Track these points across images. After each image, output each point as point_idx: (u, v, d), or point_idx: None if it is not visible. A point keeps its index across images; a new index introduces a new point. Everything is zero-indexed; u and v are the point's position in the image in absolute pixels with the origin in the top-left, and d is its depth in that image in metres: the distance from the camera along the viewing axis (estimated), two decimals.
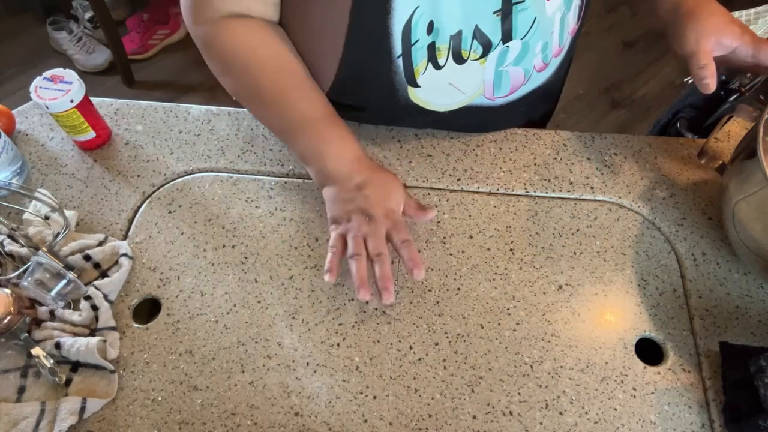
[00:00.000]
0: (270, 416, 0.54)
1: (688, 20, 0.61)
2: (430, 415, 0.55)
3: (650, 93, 1.94)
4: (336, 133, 0.63)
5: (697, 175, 0.71)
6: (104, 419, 0.54)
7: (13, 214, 0.66)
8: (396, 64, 0.61)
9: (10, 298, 0.56)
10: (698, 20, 0.61)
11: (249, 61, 0.62)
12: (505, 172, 0.71)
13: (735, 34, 0.60)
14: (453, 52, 0.59)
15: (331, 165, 0.62)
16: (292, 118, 0.63)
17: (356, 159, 0.62)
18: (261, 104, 0.65)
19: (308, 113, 0.63)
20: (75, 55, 1.96)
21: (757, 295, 0.61)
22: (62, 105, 0.65)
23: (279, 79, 0.63)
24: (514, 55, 0.61)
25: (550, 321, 0.60)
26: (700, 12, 0.61)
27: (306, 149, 0.63)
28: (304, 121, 0.63)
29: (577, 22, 0.64)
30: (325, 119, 0.63)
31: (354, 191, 0.60)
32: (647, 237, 0.66)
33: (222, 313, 0.60)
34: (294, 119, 0.63)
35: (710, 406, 0.55)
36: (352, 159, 0.62)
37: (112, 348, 0.57)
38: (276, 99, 0.63)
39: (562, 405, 0.55)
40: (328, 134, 0.63)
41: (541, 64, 0.65)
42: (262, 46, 0.63)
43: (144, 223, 0.67)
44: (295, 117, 0.63)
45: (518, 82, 0.65)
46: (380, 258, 0.57)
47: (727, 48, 0.61)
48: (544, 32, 0.61)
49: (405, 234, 0.59)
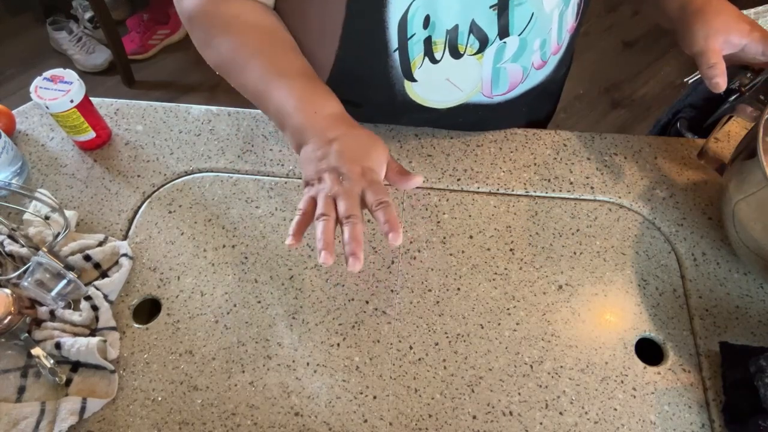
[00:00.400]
0: (270, 416, 0.54)
1: (696, 19, 0.61)
2: (430, 415, 0.55)
3: (650, 93, 1.94)
4: (316, 89, 0.57)
5: (697, 175, 0.71)
6: (104, 419, 0.54)
7: (13, 214, 0.66)
8: (392, 58, 0.61)
9: (10, 298, 0.56)
10: (706, 19, 0.60)
11: (236, 25, 0.59)
12: (505, 172, 0.71)
13: (743, 32, 0.60)
14: (449, 47, 0.59)
15: (306, 120, 0.55)
16: (270, 74, 0.58)
17: (334, 115, 0.56)
18: (241, 66, 0.60)
19: (286, 69, 0.58)
20: (75, 55, 1.96)
21: (757, 295, 0.61)
22: (62, 105, 0.65)
23: (263, 40, 0.60)
24: (512, 51, 0.61)
25: (550, 321, 0.60)
26: (708, 10, 0.61)
27: (281, 106, 0.57)
28: (281, 77, 0.57)
29: (575, 20, 0.64)
30: (303, 75, 0.58)
31: (327, 147, 0.53)
32: (647, 237, 0.66)
33: (222, 313, 0.60)
34: (272, 75, 0.58)
35: (710, 406, 0.55)
36: (329, 114, 0.56)
37: (112, 348, 0.57)
38: (256, 57, 0.59)
39: (562, 405, 0.55)
40: (307, 89, 0.57)
41: (540, 61, 0.65)
42: (254, 14, 0.60)
43: (144, 223, 0.67)
44: (272, 73, 0.58)
45: (516, 79, 0.65)
46: (350, 220, 0.51)
47: (736, 46, 0.60)
48: (541, 29, 0.60)
49: (383, 194, 0.52)
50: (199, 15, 0.60)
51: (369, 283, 0.62)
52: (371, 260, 0.64)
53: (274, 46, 0.59)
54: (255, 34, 0.59)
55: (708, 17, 0.60)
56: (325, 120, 0.55)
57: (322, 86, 0.58)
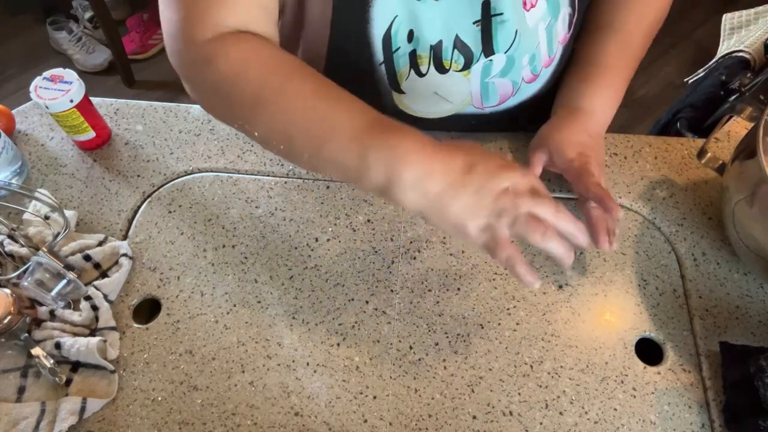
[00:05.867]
0: (270, 416, 0.54)
1: (549, 121, 0.66)
2: (430, 415, 0.55)
3: (650, 93, 1.94)
4: (395, 127, 0.48)
5: (697, 175, 0.71)
6: (104, 419, 0.54)
7: (13, 214, 0.66)
8: (379, 71, 0.60)
9: (10, 298, 0.56)
10: (549, 128, 0.65)
11: (267, 70, 0.49)
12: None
13: (564, 159, 0.62)
14: (434, 62, 0.59)
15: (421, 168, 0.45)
16: (342, 125, 0.47)
17: (435, 145, 0.47)
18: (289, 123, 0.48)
19: (360, 117, 0.48)
20: (75, 55, 1.96)
21: (757, 295, 0.61)
22: (62, 105, 0.65)
23: (306, 86, 0.49)
24: (499, 68, 0.61)
25: (550, 321, 0.60)
26: (555, 123, 0.65)
27: (372, 163, 0.46)
28: (358, 129, 0.47)
29: (568, 31, 0.62)
30: (380, 120, 0.48)
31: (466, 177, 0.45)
32: (647, 237, 0.66)
33: (222, 313, 0.60)
34: (344, 129, 0.47)
35: (710, 406, 0.55)
36: (432, 147, 0.46)
37: (112, 348, 0.57)
38: (310, 111, 0.48)
39: (562, 405, 0.55)
40: (396, 133, 0.47)
41: (530, 75, 0.64)
42: (273, 57, 0.50)
43: (144, 223, 0.67)
44: (344, 124, 0.47)
45: (507, 93, 0.65)
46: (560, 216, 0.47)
47: (557, 168, 0.64)
48: (528, 45, 0.59)
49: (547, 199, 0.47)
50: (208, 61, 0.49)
51: (369, 283, 0.62)
52: (371, 260, 0.64)
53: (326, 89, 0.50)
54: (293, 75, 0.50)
55: (550, 129, 0.65)
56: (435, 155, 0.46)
57: (400, 124, 0.49)
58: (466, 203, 0.45)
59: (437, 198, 0.45)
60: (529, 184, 0.47)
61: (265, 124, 0.49)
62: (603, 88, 0.64)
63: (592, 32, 0.66)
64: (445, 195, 0.45)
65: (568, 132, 0.63)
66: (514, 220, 0.45)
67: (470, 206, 0.45)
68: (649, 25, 0.65)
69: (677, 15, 2.11)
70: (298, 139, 0.48)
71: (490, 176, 0.45)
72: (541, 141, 0.65)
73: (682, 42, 2.08)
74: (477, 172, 0.45)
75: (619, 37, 0.64)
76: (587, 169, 0.59)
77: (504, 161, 0.47)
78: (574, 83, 0.66)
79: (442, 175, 0.45)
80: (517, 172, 0.46)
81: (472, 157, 0.46)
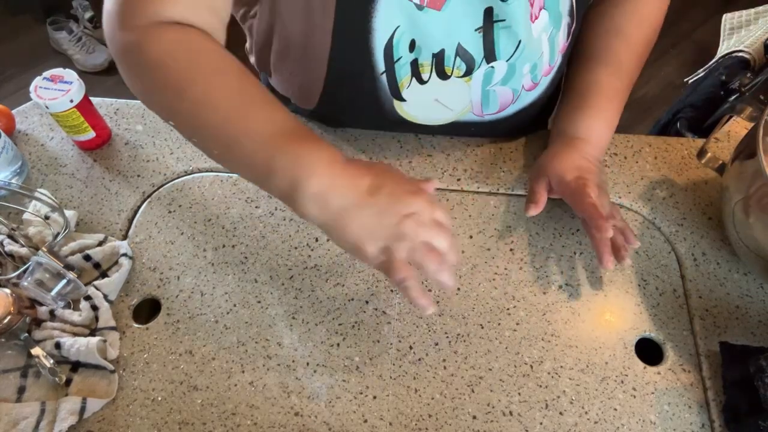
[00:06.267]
0: (270, 416, 0.54)
1: (547, 150, 0.67)
2: (430, 415, 0.55)
3: (650, 93, 1.94)
4: (311, 140, 0.47)
5: (697, 175, 0.71)
6: (104, 419, 0.54)
7: (13, 214, 0.66)
8: (380, 81, 0.60)
9: (10, 298, 0.56)
10: (548, 158, 0.65)
11: (195, 60, 0.48)
12: (505, 172, 0.71)
13: (562, 184, 0.62)
14: (436, 69, 0.59)
15: (324, 182, 0.45)
16: (257, 130, 0.47)
17: (347, 162, 0.48)
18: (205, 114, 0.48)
19: (278, 123, 0.47)
20: (75, 55, 1.96)
21: (757, 295, 0.61)
22: (62, 105, 0.65)
23: (231, 84, 0.48)
24: (500, 76, 0.61)
25: (550, 321, 0.60)
26: (553, 150, 0.66)
27: (282, 170, 0.45)
28: (272, 134, 0.47)
29: (567, 39, 0.63)
30: (297, 128, 0.48)
31: (371, 198, 0.46)
32: (647, 237, 0.66)
33: (222, 313, 0.60)
34: (257, 132, 0.47)
35: (710, 406, 0.55)
36: (343, 164, 0.47)
37: (112, 348, 0.57)
38: (228, 108, 0.47)
39: (562, 405, 0.55)
40: (306, 143, 0.47)
41: (531, 83, 0.64)
42: (206, 50, 0.49)
43: (144, 223, 0.67)
44: (259, 130, 0.47)
45: (507, 101, 0.65)
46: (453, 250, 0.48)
47: (557, 193, 0.64)
48: (531, 54, 0.60)
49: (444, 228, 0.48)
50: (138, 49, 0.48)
51: (369, 283, 0.62)
52: None
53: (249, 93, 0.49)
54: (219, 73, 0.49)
55: (549, 157, 0.65)
56: (346, 171, 0.46)
57: (316, 137, 0.49)
58: (367, 223, 0.46)
59: (338, 214, 0.45)
60: (432, 214, 0.47)
61: (183, 114, 0.49)
62: (599, 114, 0.65)
63: (585, 61, 0.67)
64: (347, 213, 0.45)
65: (566, 159, 0.63)
66: (412, 247, 0.46)
67: (370, 227, 0.46)
68: (642, 48, 0.66)
69: (677, 15, 2.12)
70: (211, 133, 0.48)
71: (395, 200, 0.46)
72: (540, 170, 0.65)
73: (682, 42, 2.08)
74: (382, 194, 0.46)
75: (611, 65, 0.65)
76: (583, 190, 0.59)
77: (414, 187, 0.48)
78: (570, 112, 0.66)
79: (346, 192, 0.45)
80: (423, 199, 0.47)
81: (381, 179, 0.47)
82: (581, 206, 0.59)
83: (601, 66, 0.65)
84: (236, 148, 0.47)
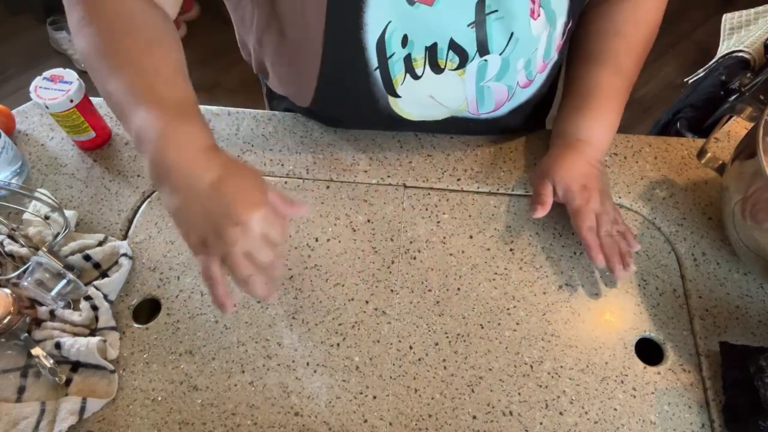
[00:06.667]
0: (270, 416, 0.54)
1: (547, 157, 0.67)
2: (430, 415, 0.55)
3: (650, 93, 1.94)
4: (188, 119, 0.49)
5: (697, 175, 0.71)
6: (104, 419, 0.54)
7: (13, 214, 0.66)
8: (373, 77, 0.60)
9: (10, 298, 0.56)
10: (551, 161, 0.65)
11: (120, 17, 0.51)
12: (505, 172, 0.71)
13: (566, 192, 0.63)
14: (429, 62, 0.59)
15: (173, 155, 0.46)
16: (142, 87, 0.49)
17: (207, 148, 0.48)
18: (114, 65, 0.50)
19: (163, 90, 0.49)
20: (75, 55, 1.96)
21: (757, 295, 0.61)
22: (62, 105, 0.65)
23: (146, 44, 0.51)
24: (494, 71, 0.61)
25: (550, 321, 0.60)
26: (557, 156, 0.65)
27: (145, 128, 0.47)
28: (154, 95, 0.49)
29: (562, 37, 0.63)
30: (180, 103, 0.50)
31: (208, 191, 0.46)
32: (647, 237, 0.66)
33: None
34: (142, 89, 0.49)
35: (710, 406, 0.55)
36: (201, 148, 0.48)
37: (112, 348, 0.57)
38: (133, 61, 0.50)
39: (562, 405, 0.55)
40: (179, 117, 0.48)
41: (525, 80, 0.64)
42: (143, 13, 0.52)
43: (144, 223, 0.67)
44: (144, 87, 0.49)
45: (502, 98, 0.65)
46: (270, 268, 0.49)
47: (559, 199, 0.64)
48: (525, 49, 0.60)
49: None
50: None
51: (369, 283, 0.62)
52: (371, 260, 0.64)
53: (158, 57, 0.51)
54: (139, 32, 0.52)
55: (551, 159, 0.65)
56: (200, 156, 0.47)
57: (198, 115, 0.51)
58: (193, 213, 0.47)
59: (174, 192, 0.47)
60: (264, 231, 0.47)
61: (102, 72, 0.51)
62: (600, 116, 0.65)
63: (585, 62, 0.67)
64: (181, 194, 0.46)
65: (569, 165, 0.63)
66: (226, 251, 0.46)
67: (195, 217, 0.47)
68: (641, 48, 0.66)
69: (677, 15, 2.12)
70: (120, 93, 0.50)
71: (232, 204, 0.46)
72: (544, 173, 0.65)
73: (682, 42, 2.08)
74: (222, 193, 0.46)
75: (611, 65, 0.65)
76: (583, 212, 0.61)
77: (258, 199, 0.47)
78: (571, 113, 0.66)
79: (187, 176, 0.46)
80: (260, 213, 0.46)
81: (232, 180, 0.47)
82: (578, 230, 0.62)
83: (600, 66, 0.65)
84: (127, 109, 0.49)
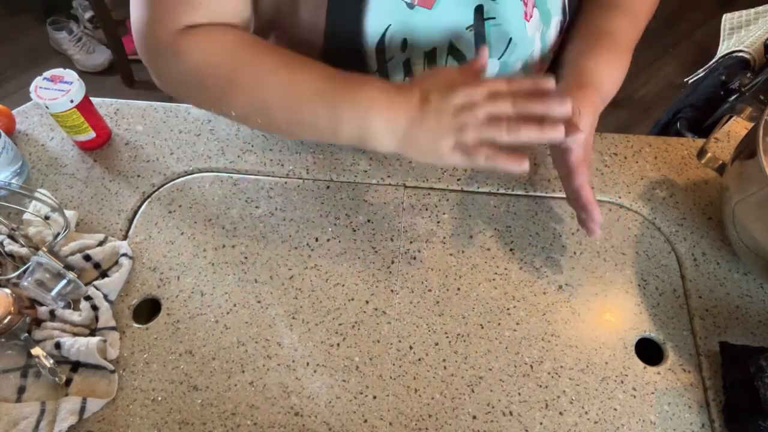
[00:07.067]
0: (270, 416, 0.54)
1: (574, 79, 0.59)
2: (430, 415, 0.55)
3: (650, 93, 1.94)
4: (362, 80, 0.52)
5: (697, 175, 0.71)
6: (104, 419, 0.54)
7: (13, 214, 0.66)
8: None
9: (10, 298, 0.56)
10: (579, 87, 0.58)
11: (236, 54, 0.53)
12: (505, 172, 0.71)
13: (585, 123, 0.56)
14: (428, 66, 0.59)
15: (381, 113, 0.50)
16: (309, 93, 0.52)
17: (395, 87, 0.51)
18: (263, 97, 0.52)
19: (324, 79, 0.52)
20: (75, 55, 1.96)
21: (757, 295, 0.61)
22: (62, 105, 0.65)
23: (271, 62, 0.53)
24: (493, 74, 0.61)
25: (550, 321, 0.60)
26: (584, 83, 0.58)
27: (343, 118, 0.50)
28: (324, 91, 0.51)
29: (559, 35, 0.63)
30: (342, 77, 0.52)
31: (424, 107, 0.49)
32: (647, 237, 0.66)
33: (222, 313, 0.60)
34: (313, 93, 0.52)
35: (710, 406, 0.55)
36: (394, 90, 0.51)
37: (112, 348, 0.57)
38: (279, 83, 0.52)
39: (562, 405, 0.55)
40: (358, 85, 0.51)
41: None
42: (238, 41, 0.54)
43: (144, 223, 0.67)
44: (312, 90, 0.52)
45: None
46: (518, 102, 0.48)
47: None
48: (522, 52, 0.59)
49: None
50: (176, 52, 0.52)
51: (369, 283, 0.62)
52: (371, 260, 0.64)
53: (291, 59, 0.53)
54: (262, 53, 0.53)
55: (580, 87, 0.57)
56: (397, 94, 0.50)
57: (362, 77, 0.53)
58: (430, 131, 0.49)
59: (406, 135, 0.50)
60: (482, 91, 0.48)
61: (242, 103, 0.53)
62: (612, 61, 0.61)
63: (598, 8, 0.63)
64: (411, 130, 0.49)
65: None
66: (477, 129, 0.48)
67: (434, 131, 0.49)
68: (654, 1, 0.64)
69: (677, 15, 2.12)
70: (275, 111, 0.52)
71: (442, 99, 0.48)
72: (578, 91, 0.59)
73: (682, 42, 2.08)
74: (432, 98, 0.49)
75: (628, 12, 0.62)
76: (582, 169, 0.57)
77: (455, 75, 0.50)
78: (583, 56, 0.61)
79: (404, 113, 0.49)
80: (467, 85, 0.48)
81: (427, 85, 0.50)
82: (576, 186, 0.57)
83: (617, 12, 0.62)
84: (299, 117, 0.52)
